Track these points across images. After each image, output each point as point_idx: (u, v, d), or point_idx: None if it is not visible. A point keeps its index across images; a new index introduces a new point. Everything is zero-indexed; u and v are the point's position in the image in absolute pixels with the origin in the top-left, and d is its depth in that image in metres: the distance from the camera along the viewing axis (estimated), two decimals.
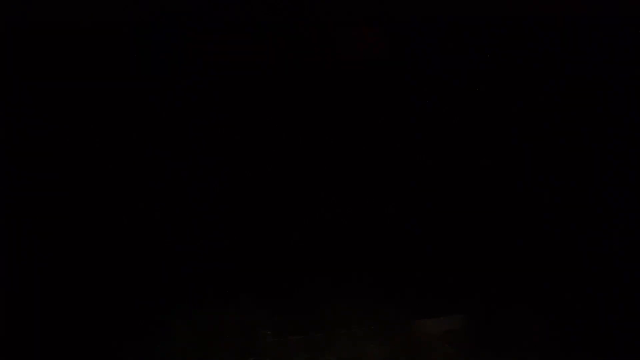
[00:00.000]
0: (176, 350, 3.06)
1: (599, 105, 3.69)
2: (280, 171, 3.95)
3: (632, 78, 3.52)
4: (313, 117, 3.63)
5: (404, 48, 3.58)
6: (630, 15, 3.48)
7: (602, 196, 3.91)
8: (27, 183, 3.31)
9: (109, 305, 3.33)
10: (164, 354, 3.02)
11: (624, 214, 3.78)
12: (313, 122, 3.67)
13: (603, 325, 3.15)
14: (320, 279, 3.75)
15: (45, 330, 3.15)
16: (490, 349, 3.10)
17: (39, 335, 3.12)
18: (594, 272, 3.70)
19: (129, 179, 3.44)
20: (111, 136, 3.35)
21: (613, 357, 3.04)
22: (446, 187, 4.10)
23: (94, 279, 3.54)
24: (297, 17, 3.25)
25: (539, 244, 4.10)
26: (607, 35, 3.47)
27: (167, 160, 3.40)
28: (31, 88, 3.15)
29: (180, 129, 3.35)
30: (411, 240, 4.28)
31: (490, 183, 4.22)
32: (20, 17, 3.03)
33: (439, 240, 4.27)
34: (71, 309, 3.26)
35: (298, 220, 3.97)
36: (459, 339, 3.18)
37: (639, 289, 3.42)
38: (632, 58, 3.47)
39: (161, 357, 3.05)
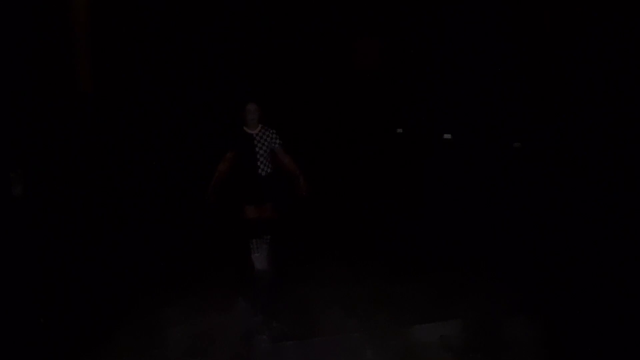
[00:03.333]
0: (173, 356, 3.00)
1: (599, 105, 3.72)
2: (280, 171, 3.94)
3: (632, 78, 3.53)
4: (313, 117, 3.63)
5: (401, 57, 3.62)
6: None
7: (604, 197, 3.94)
8: (26, 183, 3.24)
9: (105, 309, 3.28)
10: (161, 359, 2.97)
11: (624, 214, 3.80)
12: (313, 122, 3.67)
13: (600, 331, 3.19)
14: (316, 286, 3.73)
15: (41, 333, 3.09)
16: (486, 354, 3.10)
17: (37, 335, 3.06)
18: (592, 275, 3.73)
19: (128, 179, 3.39)
20: (111, 136, 3.31)
21: None
22: (442, 191, 4.12)
23: (91, 281, 3.47)
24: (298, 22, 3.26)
25: (537, 247, 4.13)
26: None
27: (167, 159, 3.37)
28: (29, 88, 3.09)
29: (181, 129, 3.33)
30: (407, 246, 4.29)
31: (488, 187, 4.25)
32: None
33: (434, 246, 4.28)
34: (68, 313, 3.22)
35: (297, 223, 3.95)
36: (455, 344, 3.17)
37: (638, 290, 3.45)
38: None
39: None
